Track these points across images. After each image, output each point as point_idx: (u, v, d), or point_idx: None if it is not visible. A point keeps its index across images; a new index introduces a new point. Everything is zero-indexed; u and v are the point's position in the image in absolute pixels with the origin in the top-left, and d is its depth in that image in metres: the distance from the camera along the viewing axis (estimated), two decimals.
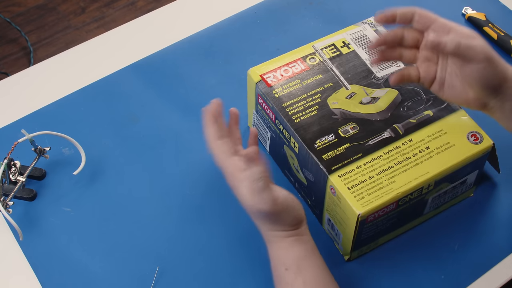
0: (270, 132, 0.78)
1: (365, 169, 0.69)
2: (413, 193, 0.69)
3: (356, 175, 0.68)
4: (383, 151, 0.70)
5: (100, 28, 1.91)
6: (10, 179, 0.76)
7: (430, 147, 0.71)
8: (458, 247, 0.75)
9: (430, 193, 0.71)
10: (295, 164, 0.75)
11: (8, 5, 1.96)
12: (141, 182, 0.80)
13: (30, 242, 0.75)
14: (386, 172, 0.69)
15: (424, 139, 0.71)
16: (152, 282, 0.72)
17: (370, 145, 0.71)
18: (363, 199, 0.67)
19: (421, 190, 0.69)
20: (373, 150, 0.70)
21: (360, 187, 0.68)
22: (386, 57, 0.68)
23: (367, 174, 0.69)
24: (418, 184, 0.68)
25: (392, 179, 0.68)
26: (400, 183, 0.68)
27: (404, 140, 0.71)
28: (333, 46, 0.80)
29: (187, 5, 1.01)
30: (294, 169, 0.76)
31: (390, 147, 0.71)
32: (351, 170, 0.69)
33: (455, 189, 0.74)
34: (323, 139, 0.71)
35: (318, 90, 0.76)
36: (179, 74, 0.91)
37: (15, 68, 1.80)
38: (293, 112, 0.73)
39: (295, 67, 0.78)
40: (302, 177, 0.75)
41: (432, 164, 0.69)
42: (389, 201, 0.68)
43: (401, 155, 0.70)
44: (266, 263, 0.73)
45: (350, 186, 0.68)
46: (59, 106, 0.87)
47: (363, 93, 0.75)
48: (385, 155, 0.70)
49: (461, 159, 0.70)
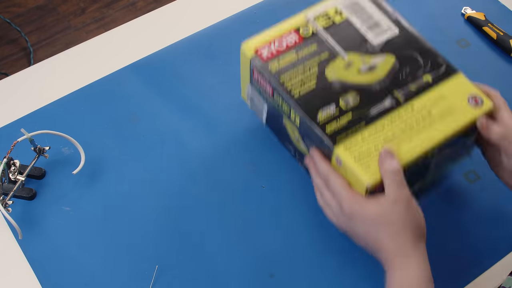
0: (266, 104, 0.77)
1: (369, 139, 0.68)
2: (419, 160, 0.68)
3: (361, 145, 0.68)
4: (385, 119, 0.70)
5: (100, 28, 1.92)
6: (10, 178, 0.76)
7: (431, 113, 0.70)
8: (458, 245, 0.75)
9: (434, 157, 0.70)
10: (295, 135, 0.74)
11: (8, 6, 1.96)
12: (141, 181, 0.80)
13: (30, 241, 0.75)
14: (391, 140, 0.68)
15: (425, 106, 0.71)
16: (151, 281, 0.72)
17: (372, 115, 0.70)
18: (369, 168, 0.66)
19: (425, 156, 0.68)
20: (375, 119, 0.70)
21: (366, 157, 0.67)
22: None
23: (372, 143, 0.68)
24: (423, 151, 0.68)
25: (396, 147, 0.67)
26: (405, 151, 0.67)
27: (405, 107, 0.71)
28: (325, 15, 0.78)
29: (187, 5, 1.01)
30: (294, 140, 0.75)
31: (392, 115, 0.70)
32: (356, 141, 0.68)
33: (457, 151, 0.74)
34: (325, 111, 0.70)
35: (314, 61, 0.74)
36: (179, 74, 0.91)
37: (15, 69, 1.80)
38: (291, 86, 0.72)
39: (289, 39, 0.76)
40: (303, 147, 0.74)
41: (436, 130, 0.69)
42: None
43: (404, 123, 0.69)
44: (265, 263, 0.73)
45: (356, 156, 0.67)
46: (59, 106, 0.87)
47: (361, 61, 0.74)
48: (388, 124, 0.69)
49: (464, 123, 0.70)
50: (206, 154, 0.83)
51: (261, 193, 0.79)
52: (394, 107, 0.71)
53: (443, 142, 0.69)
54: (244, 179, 0.80)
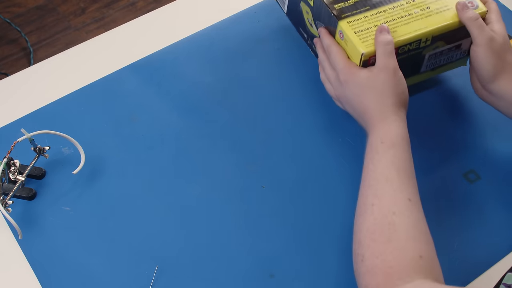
0: None
1: (371, 19, 0.78)
2: (412, 44, 0.77)
3: (363, 23, 0.77)
4: (388, 6, 0.79)
5: (100, 28, 1.92)
6: (10, 178, 0.76)
7: (430, 7, 0.79)
8: (458, 245, 0.75)
9: (427, 48, 0.79)
10: (309, 19, 0.85)
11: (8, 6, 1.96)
12: (141, 181, 0.80)
13: (30, 241, 0.75)
14: (390, 23, 0.77)
15: (425, 1, 0.80)
16: (151, 281, 0.72)
17: (377, 1, 0.80)
18: (367, 41, 0.75)
19: (419, 43, 0.77)
20: (379, 5, 0.79)
21: (365, 32, 0.76)
22: None
23: (372, 23, 0.77)
24: (417, 36, 0.76)
25: (394, 29, 0.76)
26: (401, 33, 0.76)
27: (407, 0, 0.80)
28: None
29: (187, 5, 1.01)
30: (308, 24, 0.86)
31: (395, 4, 0.79)
32: (359, 19, 0.78)
33: (450, 51, 0.82)
34: None
35: None
36: (178, 74, 0.91)
37: (15, 69, 1.80)
38: None
39: None
40: (314, 30, 0.84)
41: (431, 21, 0.78)
42: None
43: (404, 11, 0.79)
44: (265, 263, 0.73)
45: (357, 30, 0.76)
46: (59, 106, 0.87)
47: None
48: (390, 10, 0.79)
49: (457, 19, 0.78)
50: (206, 154, 0.83)
51: (261, 193, 0.79)
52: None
53: (436, 33, 0.78)
54: (244, 179, 0.80)
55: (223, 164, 0.82)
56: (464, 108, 0.88)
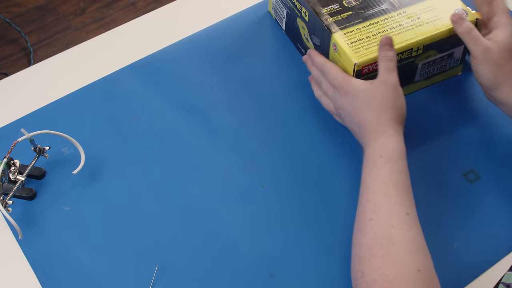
0: (286, 9, 0.91)
1: (363, 31, 0.80)
2: (404, 53, 0.79)
3: (355, 35, 0.80)
4: (380, 18, 0.81)
5: (100, 28, 1.92)
6: (10, 178, 0.76)
7: (421, 18, 0.81)
8: (458, 245, 0.75)
9: (419, 58, 0.81)
10: (305, 34, 0.87)
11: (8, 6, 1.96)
12: (141, 181, 0.80)
13: (30, 241, 0.75)
14: (381, 34, 0.79)
15: (416, 12, 0.82)
16: (151, 281, 0.72)
17: (369, 14, 0.82)
18: (360, 52, 0.77)
19: (410, 52, 0.79)
20: (371, 17, 0.82)
21: (358, 44, 0.78)
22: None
23: (364, 34, 0.79)
24: (408, 45, 0.78)
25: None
26: (394, 42, 0.77)
27: (399, 11, 0.82)
28: None
29: (187, 5, 1.01)
30: (304, 39, 0.88)
31: (386, 16, 0.82)
32: (351, 31, 0.80)
33: (443, 60, 0.84)
34: (330, 7, 0.83)
35: None
36: (179, 74, 0.91)
37: (15, 69, 1.80)
38: None
39: None
40: (310, 44, 0.87)
41: (422, 31, 0.80)
42: None
43: (395, 22, 0.81)
44: (265, 263, 0.73)
45: (349, 42, 0.79)
46: (59, 106, 0.87)
47: None
48: (381, 22, 0.81)
49: (447, 28, 0.80)
50: (206, 154, 0.83)
51: (261, 193, 0.79)
52: (389, 10, 0.82)
53: (427, 42, 0.79)
54: (244, 179, 0.80)
55: (223, 164, 0.82)
56: (464, 108, 0.88)
